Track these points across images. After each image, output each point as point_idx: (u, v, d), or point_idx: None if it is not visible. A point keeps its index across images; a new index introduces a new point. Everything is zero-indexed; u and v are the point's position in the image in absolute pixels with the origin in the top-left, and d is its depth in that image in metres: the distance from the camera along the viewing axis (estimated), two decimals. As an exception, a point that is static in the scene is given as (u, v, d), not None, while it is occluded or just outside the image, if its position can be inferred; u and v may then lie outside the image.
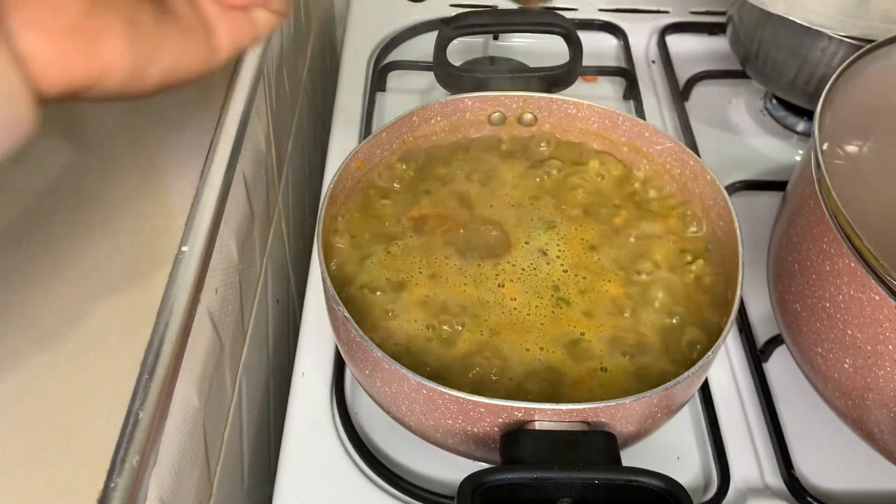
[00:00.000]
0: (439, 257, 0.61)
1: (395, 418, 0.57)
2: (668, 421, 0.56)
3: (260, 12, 0.38)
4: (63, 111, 0.59)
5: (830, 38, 0.75)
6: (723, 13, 0.98)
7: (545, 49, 0.85)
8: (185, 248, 0.49)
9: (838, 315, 0.54)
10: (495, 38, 0.99)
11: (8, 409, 0.42)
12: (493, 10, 0.92)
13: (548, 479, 0.46)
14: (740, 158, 0.86)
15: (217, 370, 0.57)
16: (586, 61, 0.78)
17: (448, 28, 0.74)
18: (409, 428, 0.56)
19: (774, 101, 0.92)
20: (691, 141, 0.86)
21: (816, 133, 0.56)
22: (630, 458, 0.58)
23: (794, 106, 0.90)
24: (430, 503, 0.58)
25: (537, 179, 0.67)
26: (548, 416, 0.49)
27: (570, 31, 0.75)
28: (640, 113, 0.89)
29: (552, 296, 0.59)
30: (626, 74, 0.93)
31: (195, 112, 0.59)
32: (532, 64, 0.87)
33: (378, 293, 0.59)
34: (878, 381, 0.53)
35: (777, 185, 0.80)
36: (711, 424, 0.63)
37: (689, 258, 0.62)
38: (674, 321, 0.58)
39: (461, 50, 0.96)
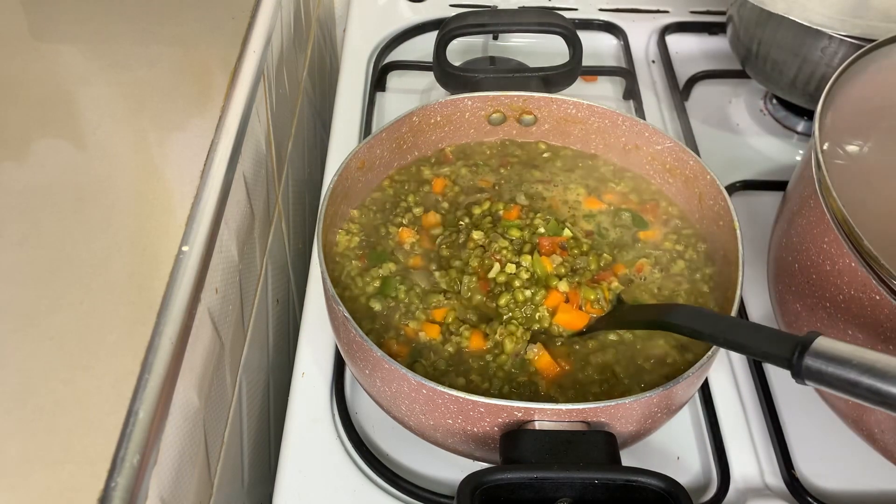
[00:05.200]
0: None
1: (395, 418, 0.57)
2: (668, 421, 0.56)
3: None
4: (63, 111, 0.59)
5: (831, 37, 0.75)
6: (723, 13, 0.98)
7: (545, 49, 0.85)
8: (185, 248, 0.50)
9: (838, 315, 0.54)
10: (495, 38, 0.99)
11: (8, 409, 0.42)
12: (492, 10, 0.92)
13: (547, 479, 0.46)
14: (740, 158, 0.86)
15: (217, 370, 0.57)
16: (586, 61, 0.78)
17: (448, 28, 0.74)
18: (409, 428, 0.56)
19: (774, 101, 0.92)
20: (691, 141, 0.86)
21: (817, 133, 0.56)
22: (630, 457, 0.58)
23: (794, 106, 0.90)
24: (430, 503, 0.58)
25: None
26: (547, 415, 0.49)
27: (570, 31, 0.75)
28: (640, 113, 0.89)
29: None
30: (626, 74, 0.93)
31: (195, 112, 0.59)
32: (532, 64, 0.87)
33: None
34: (878, 380, 0.53)
35: (777, 185, 0.80)
36: (711, 424, 0.63)
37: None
38: None
39: (461, 50, 0.96)
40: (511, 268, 0.59)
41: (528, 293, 0.58)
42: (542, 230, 0.62)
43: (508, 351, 0.56)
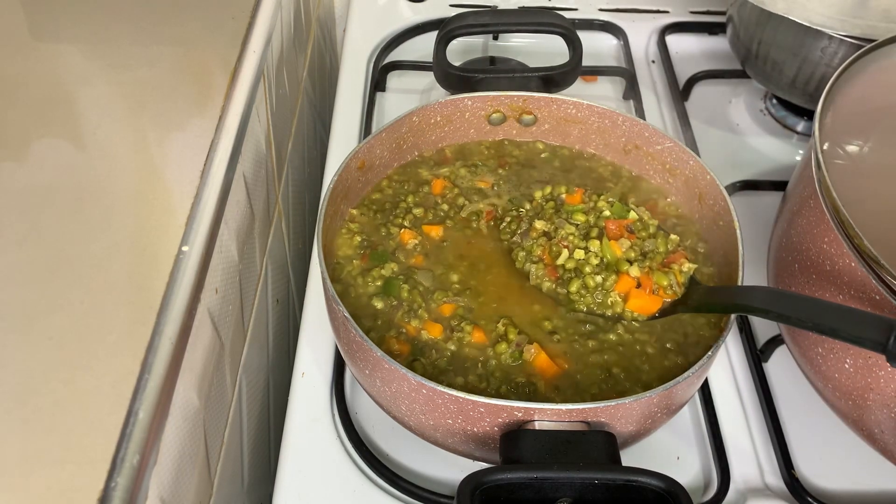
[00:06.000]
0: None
1: (395, 418, 0.57)
2: (668, 421, 0.56)
3: None
4: (63, 111, 0.59)
5: (830, 37, 0.75)
6: (723, 13, 0.98)
7: (545, 49, 0.85)
8: (185, 248, 0.50)
9: (838, 315, 0.54)
10: (495, 38, 0.99)
11: (8, 409, 0.42)
12: (493, 10, 0.92)
13: (547, 479, 0.46)
14: (740, 158, 0.86)
15: (217, 370, 0.57)
16: (586, 61, 0.78)
17: (448, 28, 0.74)
18: (409, 428, 0.56)
19: (774, 101, 0.92)
20: (691, 141, 0.86)
21: (817, 133, 0.56)
22: (630, 458, 0.58)
23: (794, 106, 0.90)
24: (430, 503, 0.58)
25: None
26: (547, 415, 0.49)
27: (570, 31, 0.75)
28: (640, 113, 0.89)
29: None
30: (626, 74, 0.93)
31: (195, 112, 0.59)
32: (532, 64, 0.87)
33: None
34: (879, 381, 0.53)
35: (777, 185, 0.80)
36: (711, 424, 0.63)
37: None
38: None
39: (461, 50, 0.96)
40: (580, 253, 0.59)
41: (598, 279, 0.58)
42: (607, 213, 0.61)
43: (512, 338, 0.56)
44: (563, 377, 0.56)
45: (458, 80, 0.74)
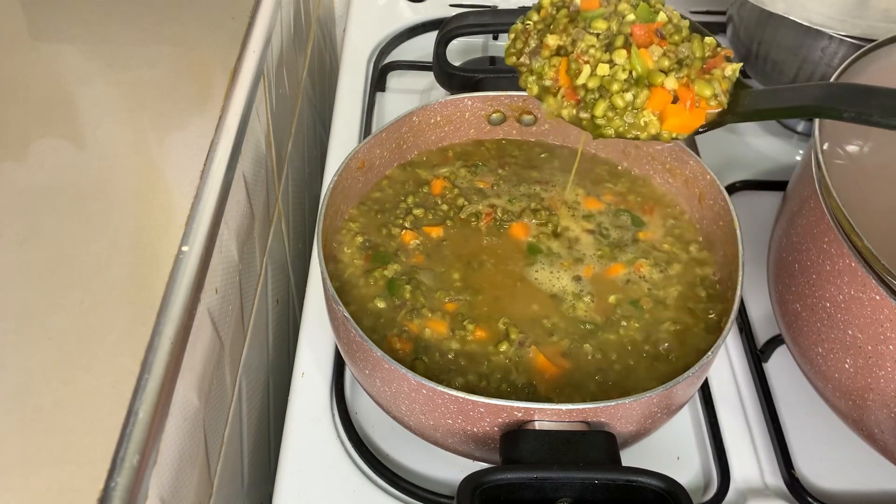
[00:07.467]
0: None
1: (395, 418, 0.57)
2: (668, 421, 0.56)
3: None
4: (63, 111, 0.59)
5: (831, 37, 0.75)
6: (723, 13, 0.98)
7: (545, 49, 0.85)
8: (185, 248, 0.50)
9: (839, 315, 0.54)
10: (495, 38, 0.99)
11: (8, 409, 0.42)
12: (493, 10, 0.92)
13: (547, 479, 0.46)
14: (740, 158, 0.86)
15: (217, 370, 0.57)
16: (586, 61, 0.78)
17: (448, 28, 0.74)
18: (409, 428, 0.56)
19: (774, 101, 0.92)
20: (691, 141, 0.86)
21: (817, 133, 0.56)
22: (630, 458, 0.58)
23: (794, 106, 0.90)
24: (430, 503, 0.58)
25: None
26: (548, 415, 0.49)
27: (570, 30, 0.75)
28: (640, 113, 0.89)
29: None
30: (626, 74, 0.93)
31: (195, 112, 0.59)
32: (532, 64, 0.86)
33: None
34: (879, 381, 0.53)
35: (777, 185, 0.80)
36: (711, 424, 0.63)
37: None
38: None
39: (461, 50, 0.96)
40: (604, 68, 0.50)
41: (628, 97, 0.50)
42: (631, 17, 0.52)
43: (514, 336, 0.57)
44: (563, 377, 0.56)
45: (458, 80, 0.74)
